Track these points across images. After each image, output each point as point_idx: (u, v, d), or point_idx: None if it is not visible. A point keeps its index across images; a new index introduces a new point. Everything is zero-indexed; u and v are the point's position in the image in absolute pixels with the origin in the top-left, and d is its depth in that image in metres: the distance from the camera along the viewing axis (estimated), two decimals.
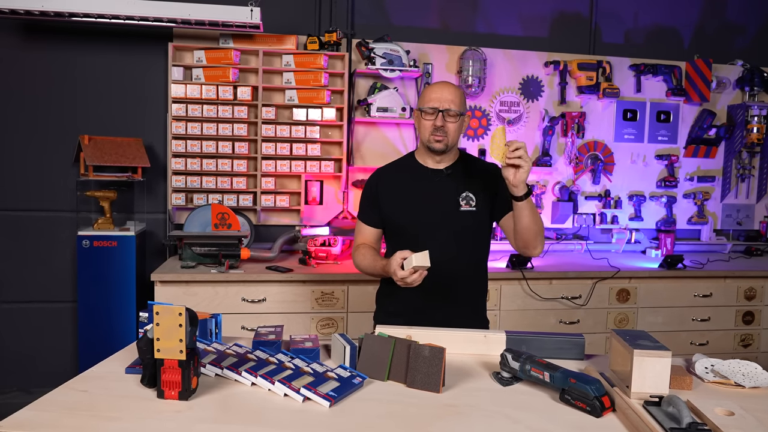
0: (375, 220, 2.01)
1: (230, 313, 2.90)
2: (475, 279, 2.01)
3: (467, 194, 1.93)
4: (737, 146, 3.99)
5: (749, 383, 1.50)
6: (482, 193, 1.94)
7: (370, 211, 2.02)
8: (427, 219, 1.92)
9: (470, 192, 1.93)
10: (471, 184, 1.95)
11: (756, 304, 3.45)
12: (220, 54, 3.36)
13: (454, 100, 1.87)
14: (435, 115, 1.87)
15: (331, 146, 3.59)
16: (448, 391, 1.44)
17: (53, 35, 3.35)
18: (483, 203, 1.94)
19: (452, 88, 1.91)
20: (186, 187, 3.39)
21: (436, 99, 1.88)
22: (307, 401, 1.35)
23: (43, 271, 3.44)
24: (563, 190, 3.81)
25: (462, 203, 1.92)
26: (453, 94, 1.88)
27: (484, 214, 1.95)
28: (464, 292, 1.97)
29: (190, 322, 1.32)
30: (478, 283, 2.03)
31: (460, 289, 1.95)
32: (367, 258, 1.96)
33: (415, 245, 1.75)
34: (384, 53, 3.43)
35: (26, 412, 1.27)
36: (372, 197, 2.01)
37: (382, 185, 2.00)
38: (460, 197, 1.93)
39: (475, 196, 1.93)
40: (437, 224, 1.92)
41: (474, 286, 2.01)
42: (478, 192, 1.94)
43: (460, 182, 1.95)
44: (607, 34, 3.94)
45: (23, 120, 3.37)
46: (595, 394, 1.32)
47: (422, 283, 1.87)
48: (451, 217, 1.91)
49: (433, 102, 1.88)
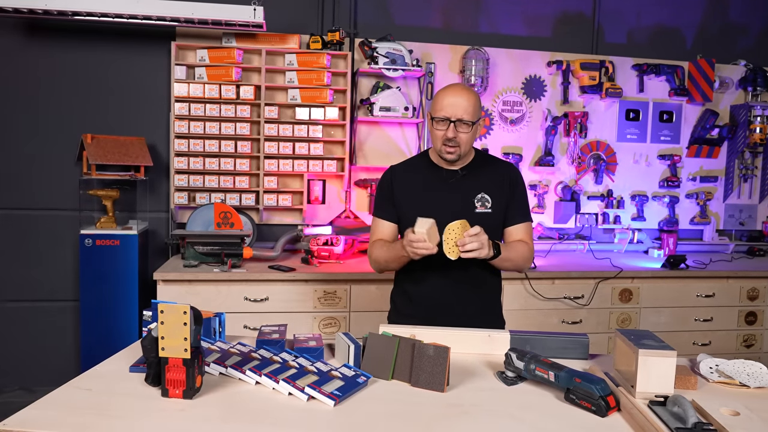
0: (392, 214, 1.97)
1: (233, 312, 2.90)
2: (490, 280, 1.98)
3: (483, 196, 1.90)
4: (740, 146, 3.98)
5: (754, 383, 1.49)
6: (498, 195, 1.91)
7: (386, 206, 1.98)
8: (442, 221, 1.87)
9: (486, 193, 1.90)
10: (487, 185, 1.91)
11: (759, 304, 3.44)
12: (223, 53, 3.36)
13: (467, 108, 1.79)
14: (447, 125, 1.80)
15: (333, 145, 3.59)
16: (453, 390, 1.44)
17: (56, 34, 3.35)
18: (499, 205, 1.91)
19: (465, 94, 1.82)
20: (188, 186, 3.39)
21: (448, 107, 1.79)
22: (311, 400, 1.35)
23: (46, 270, 3.44)
24: (566, 189, 3.81)
25: (477, 205, 1.89)
26: (466, 102, 1.79)
27: (500, 216, 1.92)
28: (479, 293, 1.95)
29: (194, 321, 1.32)
30: (493, 284, 2.01)
31: (475, 290, 1.94)
32: (384, 247, 1.92)
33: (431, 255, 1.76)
34: (387, 53, 3.43)
35: (30, 410, 1.26)
36: (388, 193, 1.97)
37: (397, 183, 1.96)
38: (475, 199, 1.89)
39: (491, 197, 1.90)
40: None
41: (489, 286, 1.99)
42: (494, 193, 1.90)
43: (476, 183, 1.91)
44: (610, 34, 3.93)
45: (26, 119, 3.38)
46: (601, 393, 1.32)
47: (437, 284, 1.86)
48: (467, 218, 1.85)
49: (444, 111, 1.80)
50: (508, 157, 3.73)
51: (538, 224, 3.78)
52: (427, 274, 1.91)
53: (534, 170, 3.81)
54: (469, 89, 1.86)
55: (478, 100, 1.85)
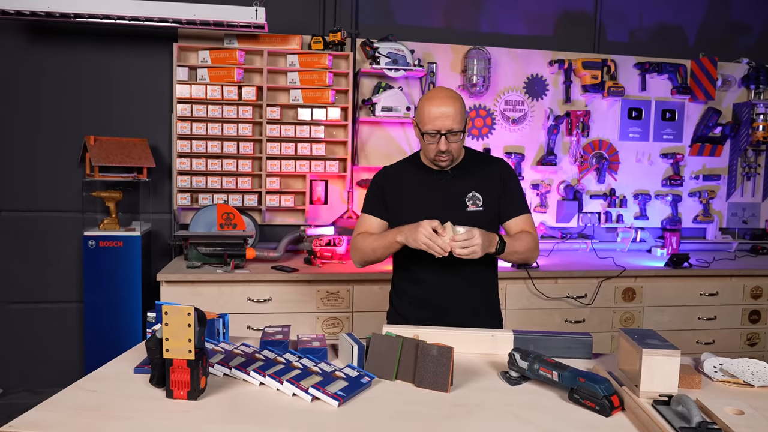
0: (382, 213, 1.98)
1: (236, 313, 2.90)
2: (485, 278, 1.99)
3: (474, 194, 1.91)
4: (743, 144, 3.97)
5: (758, 382, 1.49)
6: (489, 192, 1.92)
7: (376, 205, 1.99)
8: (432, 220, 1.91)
9: (477, 192, 1.91)
10: (477, 183, 1.92)
11: (762, 302, 3.44)
12: (225, 54, 3.36)
13: (455, 117, 1.78)
14: (437, 138, 1.80)
15: (335, 146, 3.59)
16: (456, 390, 1.44)
17: (59, 36, 3.36)
18: (490, 202, 1.92)
19: (451, 102, 1.79)
20: (191, 187, 3.39)
21: (436, 120, 1.78)
22: (315, 401, 1.35)
23: (50, 272, 3.45)
24: (568, 189, 3.81)
25: (469, 204, 1.91)
26: (453, 110, 1.78)
27: (492, 213, 1.93)
28: (475, 292, 1.96)
29: (198, 322, 1.33)
30: (488, 282, 2.01)
31: (470, 289, 1.94)
32: (370, 237, 1.92)
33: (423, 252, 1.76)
34: (388, 53, 3.43)
35: (35, 412, 1.27)
36: (379, 194, 1.99)
37: (389, 185, 1.99)
38: (466, 197, 1.91)
39: (482, 195, 1.91)
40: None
41: (484, 285, 1.99)
42: (485, 191, 1.92)
43: (466, 182, 1.92)
44: (612, 33, 3.93)
45: (29, 121, 3.38)
46: (605, 393, 1.32)
47: (432, 284, 1.87)
48: (458, 218, 1.86)
49: (433, 124, 1.78)
50: (510, 157, 3.73)
51: (540, 223, 3.77)
52: (424, 273, 1.92)
53: (536, 169, 3.81)
54: (453, 94, 1.82)
55: (463, 104, 1.83)
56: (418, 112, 1.84)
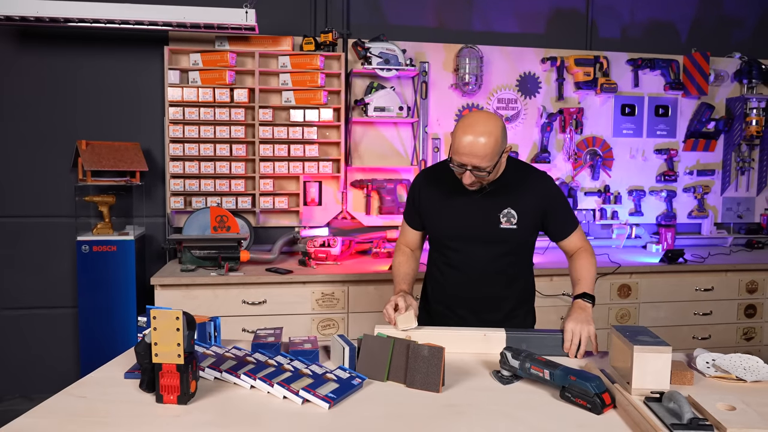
0: (417, 222, 1.99)
1: (231, 316, 2.90)
2: (516, 294, 1.96)
3: (509, 211, 1.83)
4: (736, 139, 3.98)
5: (751, 377, 1.49)
6: (525, 210, 1.84)
7: (412, 213, 1.99)
8: (465, 234, 1.86)
9: (513, 209, 1.83)
10: (514, 199, 1.83)
11: (758, 297, 3.44)
12: (216, 56, 3.35)
13: (483, 157, 1.66)
14: (463, 170, 1.72)
15: (328, 147, 3.58)
16: (448, 390, 1.44)
17: (49, 41, 3.35)
18: (525, 221, 1.84)
19: (483, 137, 1.65)
20: (184, 190, 3.38)
21: (464, 155, 1.68)
22: (306, 403, 1.34)
23: (43, 277, 3.43)
24: (562, 186, 3.80)
25: (503, 220, 1.83)
26: (483, 149, 1.65)
27: (526, 232, 1.86)
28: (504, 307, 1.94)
29: (187, 326, 1.32)
30: (520, 298, 1.98)
31: (500, 304, 1.93)
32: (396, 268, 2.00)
33: (453, 258, 1.84)
34: (380, 52, 3.42)
35: (25, 419, 1.26)
36: (414, 201, 1.97)
37: (424, 191, 1.94)
38: (500, 214, 1.83)
39: (517, 213, 1.83)
40: (475, 240, 1.85)
41: (515, 301, 1.96)
42: (521, 208, 1.83)
43: (503, 198, 1.83)
44: (604, 30, 3.93)
45: (20, 126, 3.37)
46: (596, 391, 1.32)
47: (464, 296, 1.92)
48: (490, 234, 1.82)
49: (459, 157, 1.69)
50: None
51: None
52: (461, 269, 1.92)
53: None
54: (488, 129, 1.66)
55: (499, 140, 1.68)
56: (453, 134, 1.72)
